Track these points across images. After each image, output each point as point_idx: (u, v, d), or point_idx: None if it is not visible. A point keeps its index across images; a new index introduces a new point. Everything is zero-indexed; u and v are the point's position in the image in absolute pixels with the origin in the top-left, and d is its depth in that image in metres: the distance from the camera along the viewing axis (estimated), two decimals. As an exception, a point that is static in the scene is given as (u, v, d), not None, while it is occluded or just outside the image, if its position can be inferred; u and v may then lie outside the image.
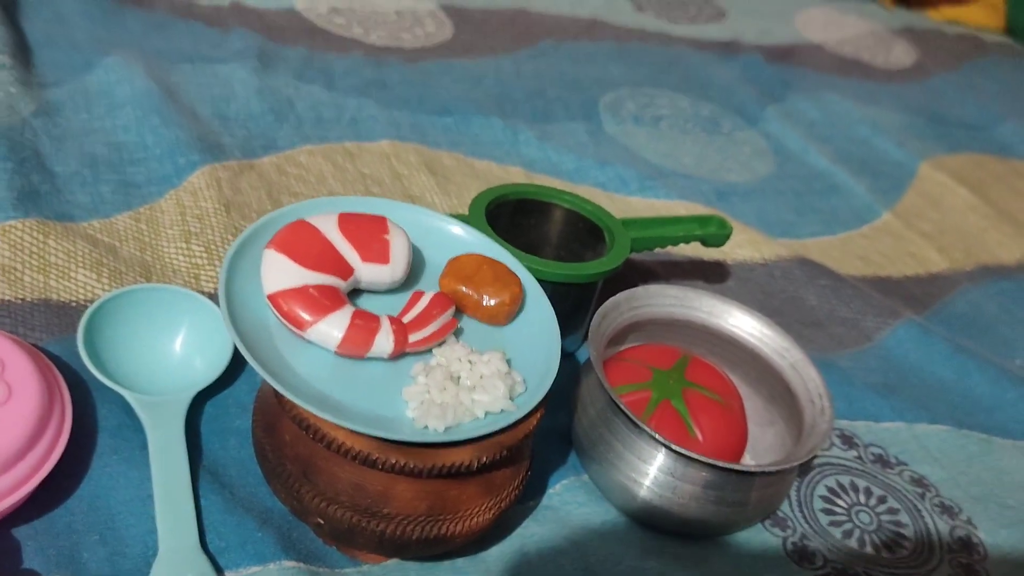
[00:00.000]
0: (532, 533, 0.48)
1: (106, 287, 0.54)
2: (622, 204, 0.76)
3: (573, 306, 0.58)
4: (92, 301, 0.52)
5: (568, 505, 0.51)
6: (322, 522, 0.41)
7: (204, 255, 0.58)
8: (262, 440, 0.43)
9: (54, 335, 0.50)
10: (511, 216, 0.60)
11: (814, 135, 0.96)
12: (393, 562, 0.45)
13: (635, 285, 0.66)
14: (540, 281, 0.53)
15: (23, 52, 0.71)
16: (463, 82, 0.88)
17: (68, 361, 0.49)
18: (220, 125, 0.71)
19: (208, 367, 0.50)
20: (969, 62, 1.28)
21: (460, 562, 0.46)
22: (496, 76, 0.91)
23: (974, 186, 0.95)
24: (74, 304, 0.52)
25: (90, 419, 0.47)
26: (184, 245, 0.59)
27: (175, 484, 0.44)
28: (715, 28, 1.17)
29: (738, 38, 1.15)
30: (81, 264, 0.54)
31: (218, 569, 0.42)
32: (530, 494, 0.50)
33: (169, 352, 0.50)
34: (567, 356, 0.59)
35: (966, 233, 0.87)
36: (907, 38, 1.31)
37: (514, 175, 0.76)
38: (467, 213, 0.56)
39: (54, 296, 0.53)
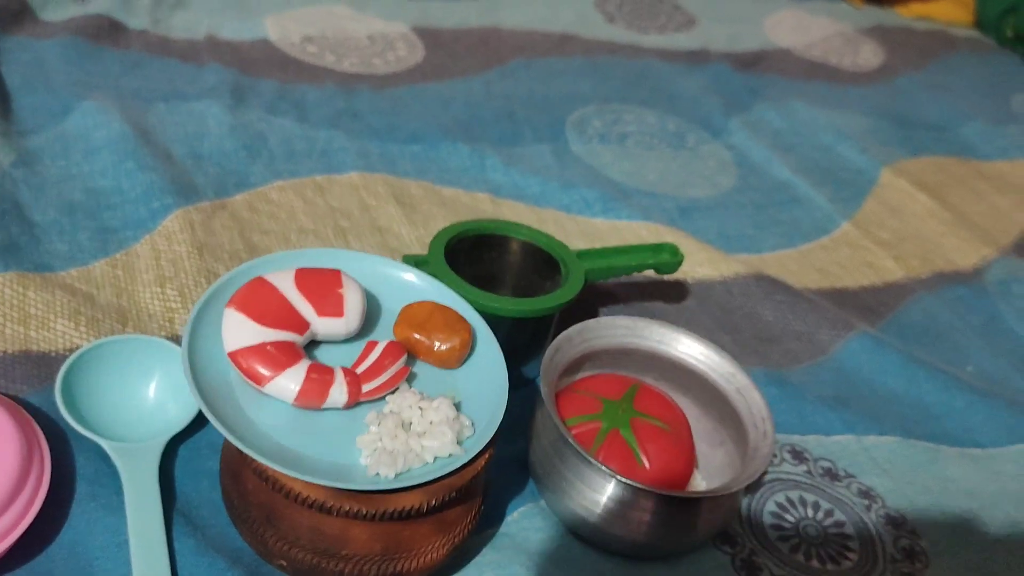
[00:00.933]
0: (490, 561, 0.51)
1: (84, 335, 0.57)
2: (585, 226, 0.79)
3: (532, 335, 0.61)
4: (71, 350, 0.55)
5: (526, 531, 0.54)
6: (285, 563, 0.44)
7: (178, 299, 0.61)
8: (228, 487, 0.46)
9: (34, 386, 0.53)
10: (471, 250, 0.63)
11: (778, 144, 0.99)
12: (358, 594, 0.48)
13: (594, 308, 0.69)
14: (498, 316, 0.56)
15: (2, 100, 0.74)
16: (432, 107, 0.91)
17: (48, 411, 0.52)
18: (193, 164, 0.74)
19: (181, 412, 0.52)
20: (936, 60, 1.30)
21: (421, 592, 0.49)
22: (466, 99, 0.94)
23: (934, 190, 0.97)
24: (53, 354, 0.55)
25: (69, 467, 0.50)
26: (159, 289, 0.61)
27: (149, 528, 0.47)
28: (684, 37, 1.19)
29: (707, 46, 1.18)
30: (60, 314, 0.57)
31: (191, 609, 0.45)
32: (489, 522, 0.53)
33: (143, 399, 0.53)
34: (527, 383, 0.62)
35: (924, 239, 0.89)
36: (875, 37, 1.34)
37: (480, 201, 0.79)
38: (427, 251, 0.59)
39: (34, 347, 0.55)
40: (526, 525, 0.54)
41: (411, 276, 0.53)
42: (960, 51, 1.35)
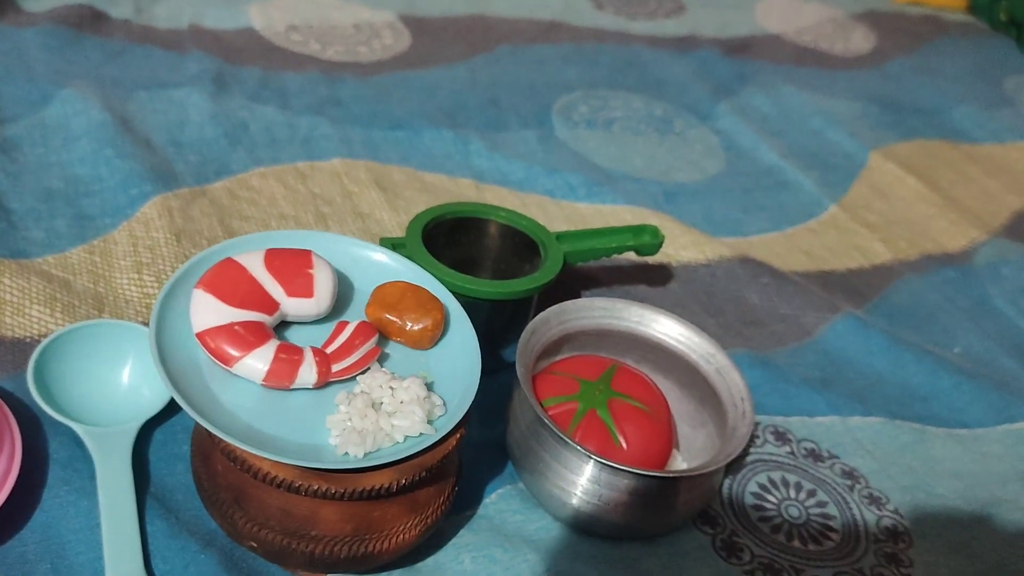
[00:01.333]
0: (467, 543, 0.51)
1: (59, 322, 0.56)
2: (569, 211, 0.79)
3: (510, 319, 0.60)
4: (45, 336, 0.54)
5: (503, 514, 0.53)
6: (255, 545, 0.44)
7: (155, 285, 0.61)
8: (198, 469, 0.46)
9: (8, 371, 0.53)
10: (450, 234, 0.62)
11: (766, 129, 0.98)
12: (332, 576, 0.48)
13: (576, 292, 0.69)
14: (475, 298, 0.56)
15: (-19, 89, 0.74)
16: (417, 94, 0.90)
17: (21, 397, 0.51)
18: (174, 152, 0.74)
19: (155, 396, 0.52)
20: (928, 44, 1.30)
21: (397, 573, 0.48)
22: (451, 86, 0.93)
23: (923, 174, 0.97)
24: (28, 340, 0.55)
25: (42, 452, 0.49)
26: (136, 276, 0.61)
27: (121, 512, 0.47)
28: (673, 23, 1.19)
29: (696, 32, 1.17)
30: (35, 300, 0.57)
31: (162, 592, 0.45)
32: (466, 503, 0.53)
33: (117, 384, 0.53)
34: (506, 367, 0.61)
35: (912, 222, 0.89)
36: (867, 22, 1.33)
37: (464, 187, 0.79)
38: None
39: (8, 333, 0.55)
40: (504, 507, 0.54)
41: (384, 257, 0.52)
42: (952, 35, 1.35)
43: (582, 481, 0.51)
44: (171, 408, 0.52)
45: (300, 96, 0.85)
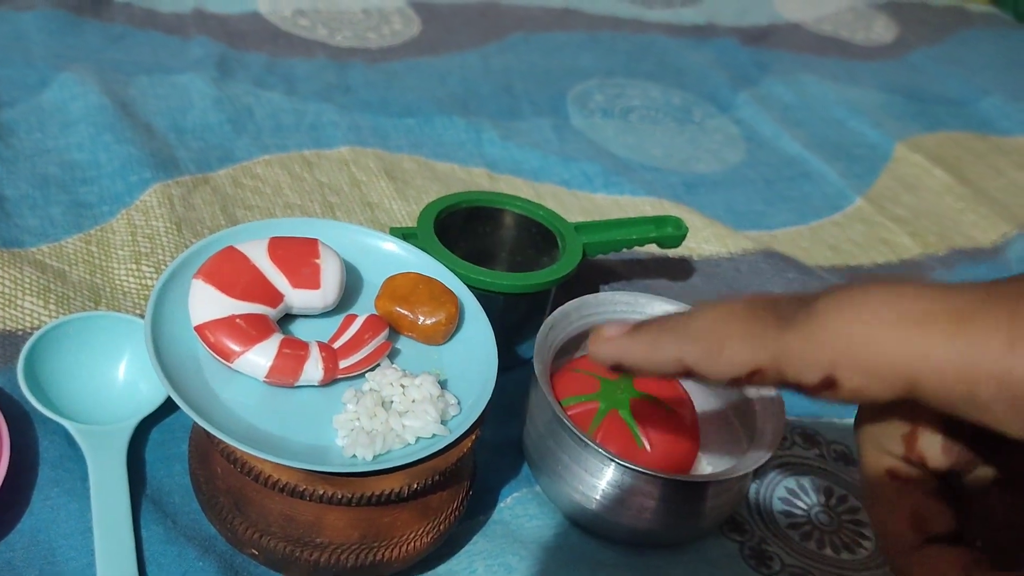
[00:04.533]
0: (481, 549, 0.48)
1: (53, 314, 0.54)
2: (586, 202, 0.76)
3: (526, 313, 0.57)
4: (38, 328, 0.52)
5: (520, 518, 0.50)
6: (256, 553, 0.41)
7: (154, 276, 0.58)
8: (196, 471, 0.43)
9: (-2, 366, 0.50)
10: (463, 224, 0.60)
11: (788, 119, 0.95)
12: (339, 585, 0.45)
13: (595, 286, 0.66)
14: (489, 292, 0.53)
15: (-23, 73, 0.71)
16: (427, 81, 0.87)
17: (11, 392, 0.49)
18: (176, 138, 0.71)
19: (153, 393, 0.49)
20: (952, 35, 1.26)
21: (407, 582, 0.46)
22: (462, 73, 0.90)
23: (951, 166, 0.93)
24: (20, 332, 0.52)
25: (31, 451, 0.47)
26: (134, 266, 0.58)
27: (115, 516, 0.44)
28: (691, 12, 1.16)
29: (713, 21, 1.14)
30: (28, 291, 0.54)
31: (158, 601, 0.42)
32: (480, 508, 0.50)
33: (113, 379, 0.50)
34: (522, 364, 0.58)
35: (941, 216, 0.86)
36: (888, 12, 1.29)
37: (476, 176, 0.76)
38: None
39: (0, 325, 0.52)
40: (520, 512, 0.51)
41: (394, 247, 0.49)
42: (976, 27, 1.31)
43: (603, 485, 0.48)
44: (169, 406, 0.50)
45: (307, 82, 0.82)
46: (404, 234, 0.53)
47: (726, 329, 0.28)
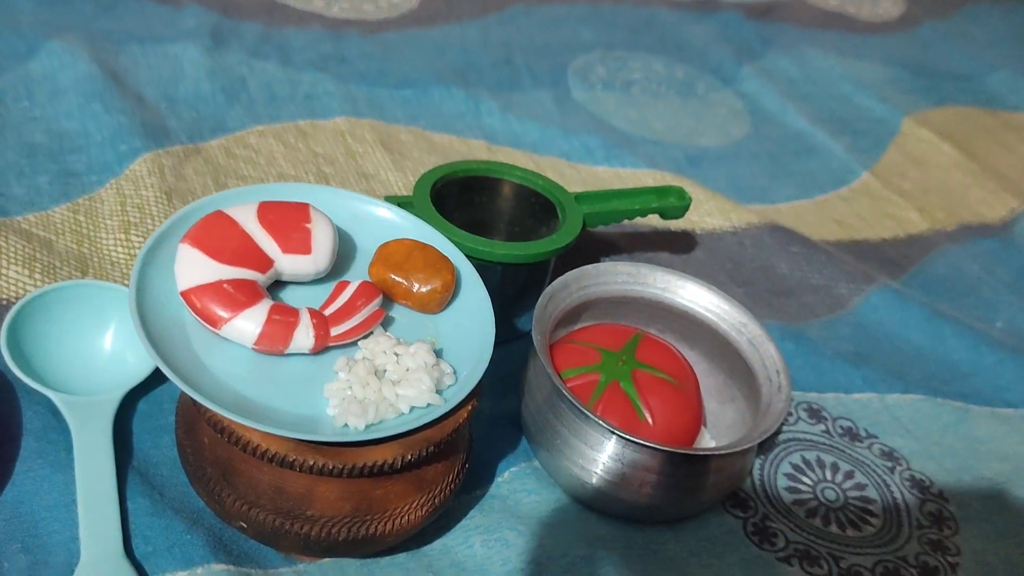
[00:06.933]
0: (478, 524, 0.47)
1: (38, 283, 0.52)
2: (586, 174, 0.74)
3: (525, 285, 0.56)
4: (23, 298, 0.50)
5: (517, 493, 0.49)
6: (245, 525, 0.40)
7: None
8: (183, 442, 0.42)
9: (-19, 336, 0.49)
10: (460, 194, 0.58)
11: (793, 94, 0.93)
12: (331, 560, 0.43)
13: (595, 258, 0.64)
14: (488, 261, 0.51)
15: (-37, 41, 0.70)
16: (426, 53, 0.85)
17: (-6, 363, 0.47)
18: (167, 108, 0.69)
19: (140, 363, 0.48)
20: (960, 10, 1.24)
21: (401, 557, 0.44)
22: (461, 45, 0.88)
23: (960, 141, 0.92)
24: (3, 301, 0.51)
25: (15, 422, 0.45)
26: (123, 236, 0.57)
27: (100, 488, 0.42)
28: (694, -15, 1.13)
29: (718, -6, 1.12)
30: (13, 260, 0.53)
31: (143, 575, 0.41)
32: (477, 483, 0.49)
33: (99, 349, 0.48)
34: (520, 336, 0.57)
35: (949, 191, 0.84)
36: (896, -12, 1.27)
37: (475, 148, 0.74)
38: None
39: (-17, 294, 0.51)
40: (518, 487, 0.49)
41: (389, 213, 0.48)
42: (985, 2, 1.29)
43: (603, 458, 0.46)
44: (157, 377, 0.48)
45: (303, 52, 0.80)
46: (400, 203, 0.52)
47: None
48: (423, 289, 0.44)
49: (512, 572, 0.45)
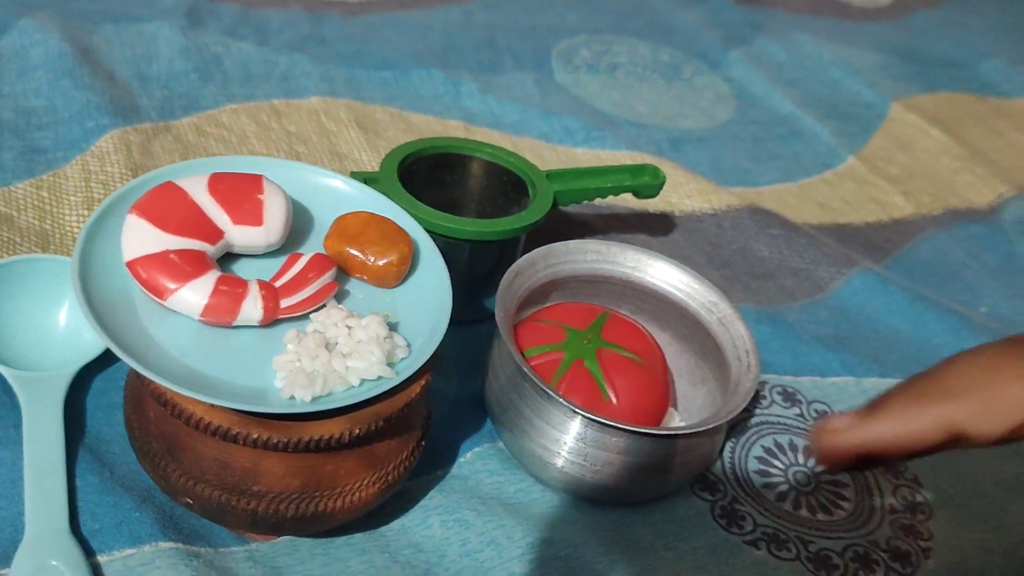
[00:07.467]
0: (437, 504, 0.46)
1: (-3, 258, 0.51)
2: (565, 155, 0.73)
3: (495, 265, 0.55)
4: (-21, 273, 0.49)
5: (479, 474, 0.48)
6: (191, 501, 0.39)
7: (106, 222, 0.55)
8: (131, 417, 0.41)
9: (-66, 310, 0.48)
10: (431, 172, 0.57)
11: (781, 78, 0.92)
12: (285, 539, 0.43)
13: (568, 239, 0.63)
14: (455, 239, 0.50)
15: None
16: (407, 35, 0.84)
17: (-54, 337, 0.46)
18: (139, 86, 0.68)
19: (95, 339, 0.47)
20: (953, -2, 1.23)
21: (357, 537, 0.43)
22: (443, 28, 0.87)
23: (949, 126, 0.90)
24: (-40, 277, 0.50)
25: (-36, 398, 0.44)
26: (86, 212, 0.56)
27: (47, 464, 0.42)
28: (684, -30, 1.12)
29: (708, -20, 1.11)
30: (-29, 235, 0.52)
31: (89, 552, 0.40)
32: (438, 463, 0.48)
33: (53, 325, 0.47)
34: (488, 318, 0.56)
35: (936, 176, 0.83)
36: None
37: (453, 129, 0.73)
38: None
39: (-61, 269, 0.50)
40: (480, 467, 0.48)
41: (345, 185, 0.47)
42: (979, -11, 1.28)
43: (567, 439, 0.45)
44: (112, 353, 0.47)
45: (280, 33, 0.79)
46: (366, 179, 0.51)
47: (999, 374, 0.25)
48: (379, 262, 0.43)
49: (471, 553, 0.44)
